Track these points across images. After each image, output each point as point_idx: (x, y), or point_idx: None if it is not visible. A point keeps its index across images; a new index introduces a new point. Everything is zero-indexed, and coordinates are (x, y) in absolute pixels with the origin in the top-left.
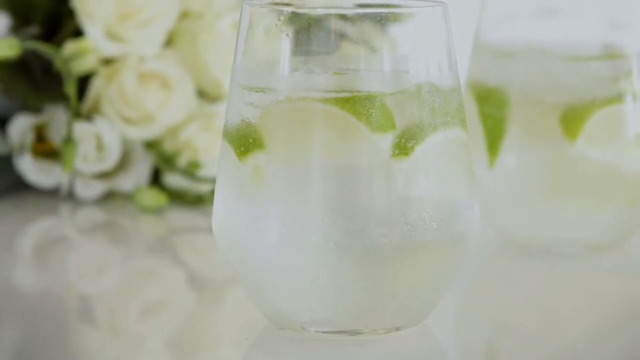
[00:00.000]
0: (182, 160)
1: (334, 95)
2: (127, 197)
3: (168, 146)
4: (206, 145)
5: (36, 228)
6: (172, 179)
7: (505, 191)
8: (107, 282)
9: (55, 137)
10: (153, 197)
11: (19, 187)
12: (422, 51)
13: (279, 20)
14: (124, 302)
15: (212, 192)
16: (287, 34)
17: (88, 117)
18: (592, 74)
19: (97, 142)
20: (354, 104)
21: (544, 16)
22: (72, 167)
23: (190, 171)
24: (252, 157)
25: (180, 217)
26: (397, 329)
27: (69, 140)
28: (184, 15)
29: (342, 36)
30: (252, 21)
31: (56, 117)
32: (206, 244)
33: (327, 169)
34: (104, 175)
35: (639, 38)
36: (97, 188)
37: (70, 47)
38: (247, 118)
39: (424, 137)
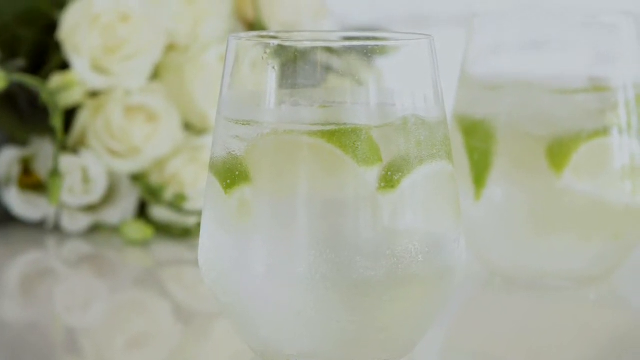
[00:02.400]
0: (169, 193)
1: (320, 128)
2: (114, 230)
3: (154, 179)
4: (192, 178)
5: (22, 261)
6: (159, 212)
7: (491, 224)
8: (94, 314)
9: (42, 169)
10: (139, 230)
11: (5, 220)
12: (408, 84)
13: (265, 53)
14: (110, 335)
15: (199, 224)
16: (273, 67)
17: (74, 150)
18: (579, 107)
19: (83, 174)
20: (340, 136)
21: (531, 49)
22: (59, 200)
23: (176, 204)
24: (238, 190)
25: (166, 249)
26: None
27: (55, 173)
28: (170, 48)
29: (328, 69)
30: (238, 54)
31: (42, 150)
32: (192, 277)
33: (313, 202)
34: (90, 208)
35: (625, 70)
36: (83, 221)
37: (56, 79)
38: (234, 151)
39: (410, 170)
